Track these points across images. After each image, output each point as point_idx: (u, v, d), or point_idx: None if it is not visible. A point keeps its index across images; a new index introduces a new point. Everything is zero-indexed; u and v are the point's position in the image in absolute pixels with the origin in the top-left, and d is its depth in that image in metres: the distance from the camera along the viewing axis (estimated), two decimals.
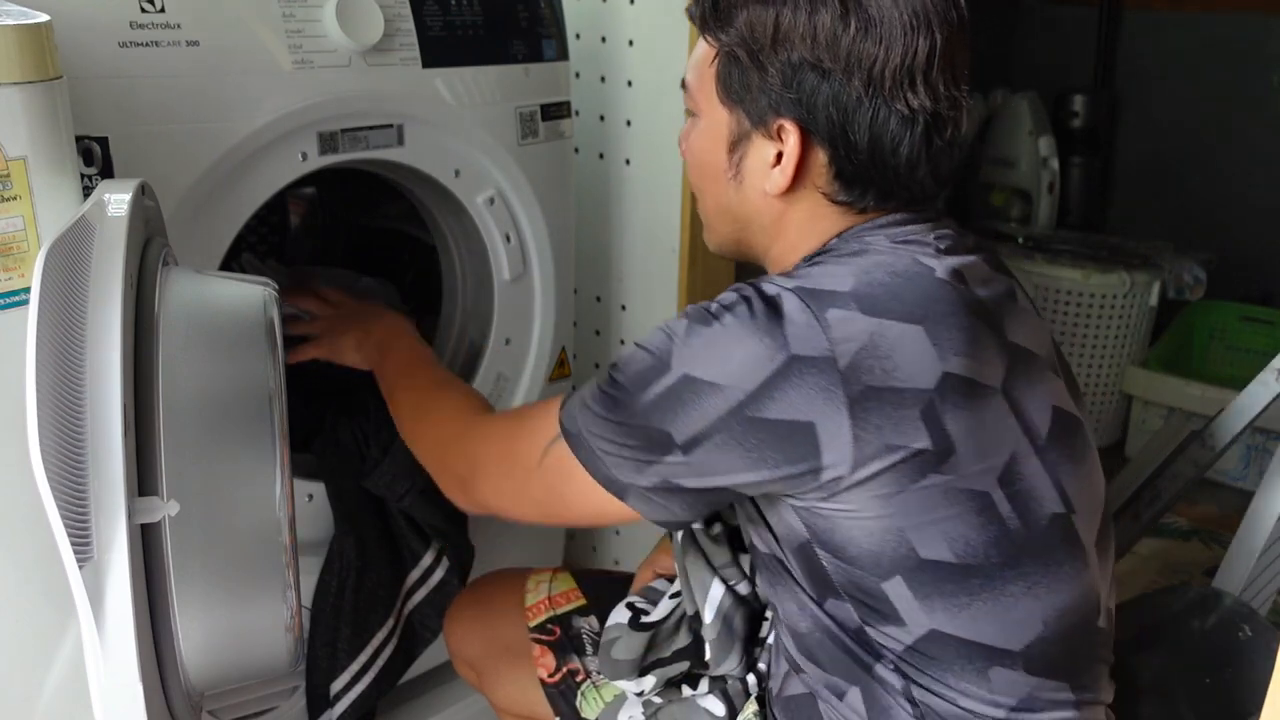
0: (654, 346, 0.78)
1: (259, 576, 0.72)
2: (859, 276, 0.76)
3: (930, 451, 0.73)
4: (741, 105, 0.82)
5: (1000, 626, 0.77)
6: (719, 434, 0.74)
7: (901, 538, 0.75)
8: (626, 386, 0.78)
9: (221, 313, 0.78)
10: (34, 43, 0.74)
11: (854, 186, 0.81)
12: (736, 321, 0.74)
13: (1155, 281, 2.50)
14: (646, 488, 0.78)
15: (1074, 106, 3.00)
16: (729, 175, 0.86)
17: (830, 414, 0.72)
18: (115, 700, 0.62)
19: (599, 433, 0.79)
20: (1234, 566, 1.29)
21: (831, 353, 0.72)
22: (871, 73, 0.76)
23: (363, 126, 1.14)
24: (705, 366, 0.74)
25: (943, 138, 0.80)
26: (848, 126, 0.78)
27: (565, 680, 1.04)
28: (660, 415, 0.76)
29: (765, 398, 0.72)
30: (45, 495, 0.59)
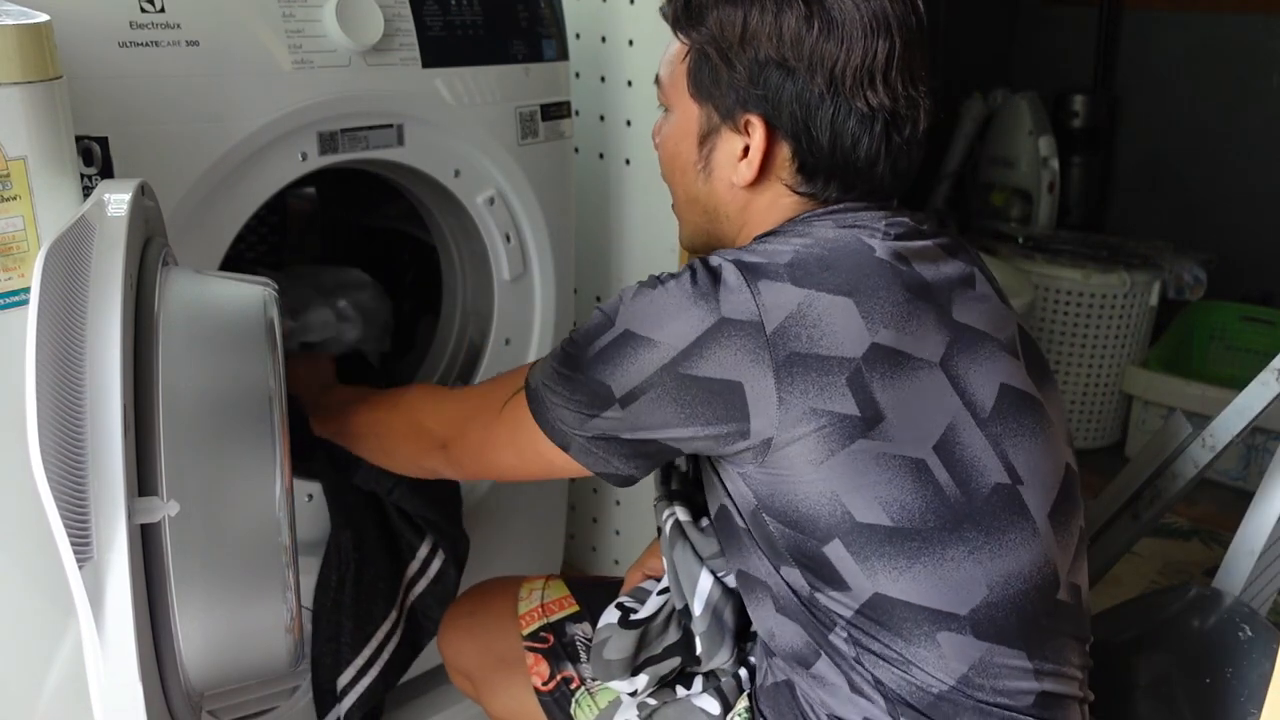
0: (606, 307, 0.83)
1: (259, 576, 0.72)
2: (797, 252, 0.80)
3: (858, 418, 0.76)
4: (711, 100, 0.87)
5: (942, 589, 0.79)
6: (653, 389, 0.79)
7: (836, 501, 0.78)
8: (579, 342, 0.84)
9: (221, 313, 0.78)
10: (34, 43, 0.74)
11: (816, 179, 0.85)
12: (678, 286, 0.79)
13: (1155, 281, 2.50)
14: (587, 438, 0.84)
15: (1074, 106, 3.01)
16: (698, 167, 0.90)
17: (757, 376, 0.76)
18: (115, 700, 0.62)
19: (551, 385, 0.85)
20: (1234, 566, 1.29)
21: (759, 318, 0.77)
22: (833, 72, 0.81)
23: (363, 126, 1.14)
24: (644, 324, 0.79)
25: (901, 135, 0.84)
26: (810, 123, 0.83)
27: (560, 688, 1.04)
28: (602, 368, 0.81)
29: (696, 355, 0.77)
30: (45, 495, 0.59)
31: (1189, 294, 2.58)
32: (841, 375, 0.76)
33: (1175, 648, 1.12)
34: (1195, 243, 2.68)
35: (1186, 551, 2.13)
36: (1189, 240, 2.70)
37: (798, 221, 0.87)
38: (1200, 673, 1.07)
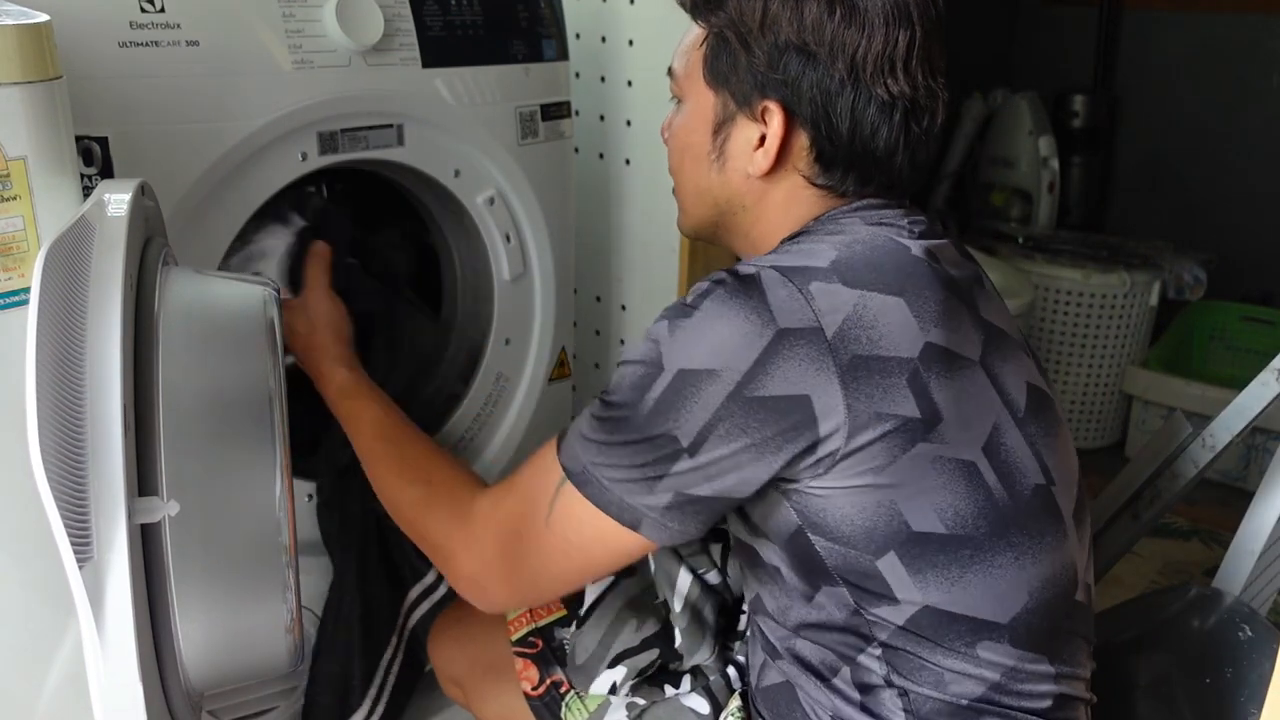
0: (641, 355, 0.78)
1: (259, 576, 0.72)
2: (839, 251, 0.78)
3: (919, 420, 0.74)
4: (727, 87, 0.85)
5: (990, 598, 0.78)
6: (722, 423, 0.74)
7: (894, 510, 0.76)
8: (623, 403, 0.77)
9: (221, 312, 0.78)
10: (34, 43, 0.74)
11: (834, 169, 0.84)
12: (717, 304, 0.75)
13: (1155, 281, 2.50)
14: (661, 508, 0.77)
15: (1074, 106, 3.01)
16: (712, 157, 0.88)
17: (823, 385, 0.73)
18: (115, 700, 0.62)
19: (604, 461, 0.78)
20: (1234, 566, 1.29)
21: (819, 323, 0.74)
22: (854, 59, 0.79)
23: (363, 126, 1.14)
24: (698, 356, 0.74)
25: (920, 126, 0.83)
26: (830, 110, 0.81)
27: (549, 692, 1.04)
28: (663, 418, 0.75)
29: (761, 374, 0.73)
30: (45, 495, 0.59)
31: (1189, 294, 2.58)
32: (902, 376, 0.74)
33: (1175, 648, 1.12)
34: (1195, 243, 2.68)
35: (1186, 551, 2.13)
36: (1189, 240, 2.70)
37: (825, 220, 0.85)
38: (1200, 673, 1.07)
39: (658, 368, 0.76)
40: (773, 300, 0.74)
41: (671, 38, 1.49)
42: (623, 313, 1.64)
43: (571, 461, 0.80)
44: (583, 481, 0.79)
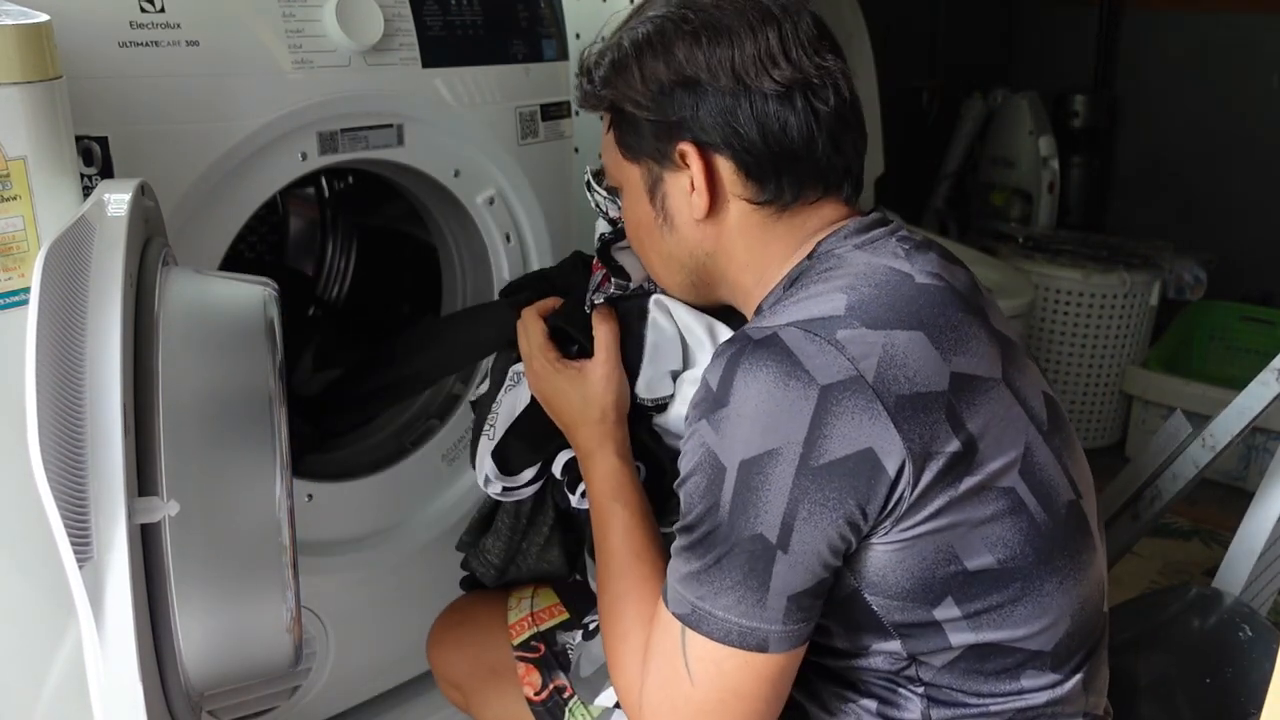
0: (697, 464, 0.74)
1: (259, 576, 0.72)
2: (847, 295, 0.76)
3: (961, 453, 0.72)
4: (643, 152, 0.87)
5: (1036, 628, 0.78)
6: (802, 505, 0.70)
7: (951, 553, 0.74)
8: (700, 520, 0.74)
9: (222, 313, 0.78)
10: (34, 42, 0.74)
11: (766, 179, 0.83)
12: (748, 380, 0.71)
13: (1155, 281, 2.50)
14: (781, 620, 0.73)
15: (1074, 106, 3.01)
16: (659, 221, 0.88)
17: (880, 432, 0.70)
18: (115, 700, 0.62)
19: (707, 591, 0.73)
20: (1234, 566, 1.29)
21: (857, 371, 0.71)
22: (734, 69, 0.80)
23: (362, 126, 1.14)
24: (752, 442, 0.71)
25: (826, 104, 0.82)
26: (734, 124, 0.81)
27: (552, 698, 1.03)
28: (744, 519, 0.71)
29: (820, 439, 0.70)
30: (45, 495, 0.59)
31: (1189, 294, 2.58)
32: (940, 411, 0.72)
33: (1175, 648, 1.12)
34: (1195, 243, 2.68)
35: (1186, 551, 2.13)
36: (1189, 240, 2.70)
37: (818, 257, 0.82)
38: (1200, 673, 1.07)
39: (718, 470, 0.72)
40: (804, 358, 0.71)
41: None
42: None
43: (680, 606, 0.75)
44: (697, 621, 0.74)
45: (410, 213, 1.40)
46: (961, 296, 0.79)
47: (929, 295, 0.77)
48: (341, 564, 1.25)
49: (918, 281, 0.78)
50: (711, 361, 0.75)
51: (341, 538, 1.26)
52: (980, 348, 0.77)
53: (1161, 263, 2.55)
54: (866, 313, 0.74)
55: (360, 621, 1.30)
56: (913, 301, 0.76)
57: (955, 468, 0.72)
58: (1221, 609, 1.17)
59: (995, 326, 0.81)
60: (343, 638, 1.29)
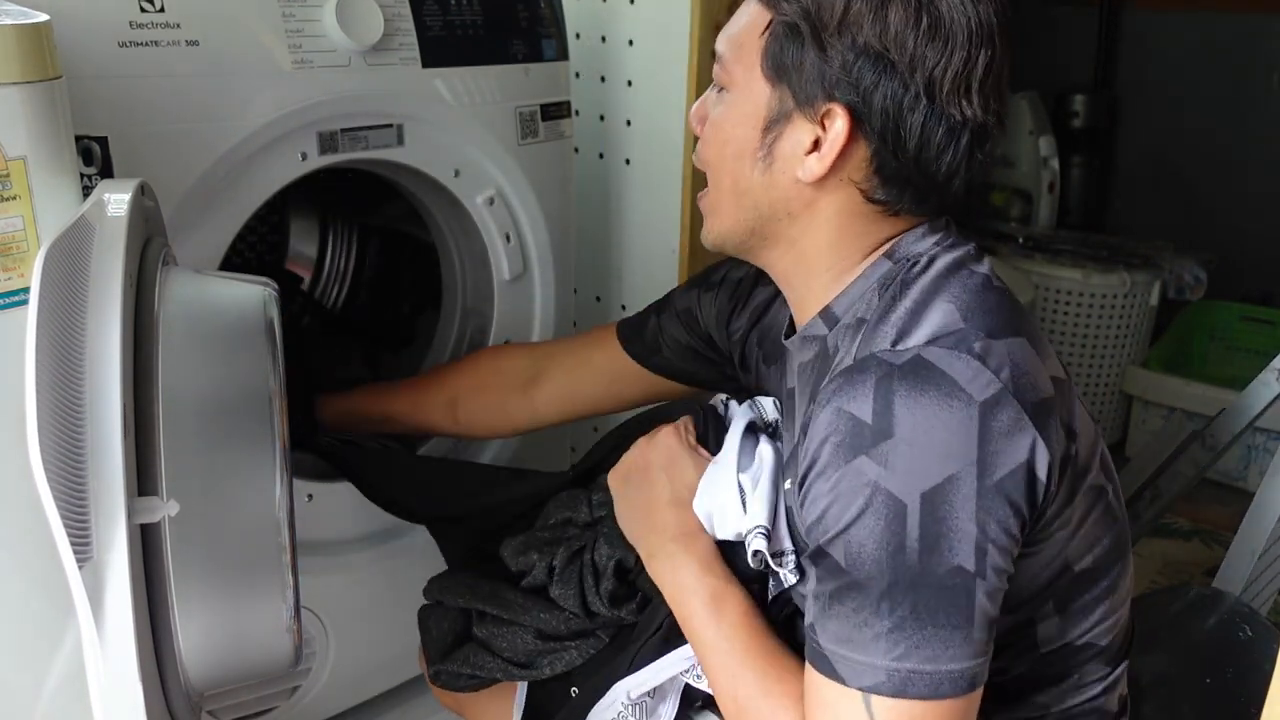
0: (864, 506, 0.67)
1: (259, 576, 0.72)
2: (954, 303, 0.74)
3: (1072, 456, 0.72)
4: (789, 83, 0.77)
5: (1106, 624, 0.78)
6: (988, 525, 0.66)
7: (1064, 557, 0.73)
8: (884, 569, 0.67)
9: (221, 312, 0.78)
10: (34, 42, 0.74)
11: (892, 186, 0.77)
12: (910, 407, 0.67)
13: (1155, 281, 2.50)
14: (984, 651, 0.68)
15: (1074, 106, 3.00)
16: (758, 155, 0.79)
17: (1029, 443, 0.68)
18: (115, 700, 0.62)
19: (906, 649, 0.66)
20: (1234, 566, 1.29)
21: (999, 382, 0.69)
22: (932, 75, 0.74)
23: (362, 126, 1.14)
24: (929, 470, 0.66)
25: (983, 150, 0.77)
26: (900, 125, 0.75)
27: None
28: (938, 555, 0.66)
29: (989, 455, 0.67)
30: (45, 495, 0.59)
31: (1189, 294, 2.58)
32: (1057, 416, 0.71)
33: (1175, 648, 1.12)
34: (1195, 243, 2.68)
35: (1186, 551, 2.13)
36: (1189, 240, 2.69)
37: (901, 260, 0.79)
38: (1200, 673, 1.07)
39: (897, 506, 0.66)
40: (958, 377, 0.68)
41: (671, 38, 1.49)
42: (623, 312, 1.64)
43: (867, 677, 0.67)
44: (900, 686, 0.66)
45: (410, 213, 1.40)
46: (1019, 301, 0.79)
47: (1009, 300, 0.76)
48: (341, 564, 1.26)
49: (994, 285, 0.77)
50: (841, 393, 0.70)
51: (341, 538, 1.26)
52: (1049, 350, 0.77)
53: (1161, 263, 2.55)
54: (980, 321, 0.72)
55: (360, 621, 1.30)
56: (1003, 307, 0.75)
57: (1073, 471, 0.71)
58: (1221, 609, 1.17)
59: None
60: (343, 638, 1.29)
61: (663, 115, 1.49)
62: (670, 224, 1.52)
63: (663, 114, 1.48)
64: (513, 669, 0.98)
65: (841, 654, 0.68)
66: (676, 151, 1.48)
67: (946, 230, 0.81)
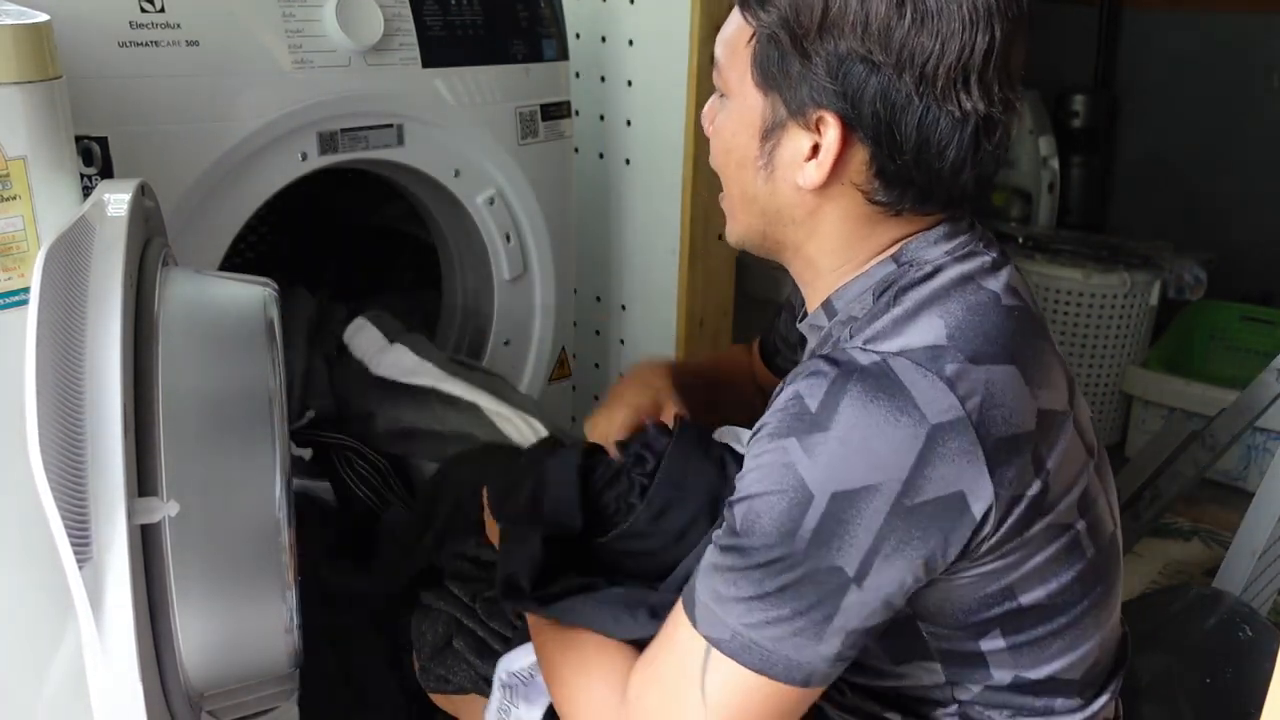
0: (776, 485, 0.68)
1: (259, 576, 0.72)
2: (944, 319, 0.71)
3: (1039, 495, 0.70)
4: (778, 92, 0.75)
5: (1072, 659, 0.77)
6: (886, 541, 0.66)
7: (1009, 590, 0.73)
8: (770, 545, 0.68)
9: (221, 312, 0.78)
10: (34, 42, 0.74)
11: (894, 186, 0.75)
12: (858, 410, 0.67)
13: (1155, 281, 2.50)
14: (833, 656, 0.69)
15: (1074, 106, 3.00)
16: (759, 164, 0.78)
17: (974, 476, 0.67)
18: (115, 700, 0.62)
19: (759, 619, 0.68)
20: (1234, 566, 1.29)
21: (963, 411, 0.67)
22: (924, 70, 0.70)
23: (363, 126, 1.14)
24: (852, 473, 0.66)
25: (991, 141, 0.73)
26: (894, 125, 0.72)
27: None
28: (824, 550, 0.67)
29: (920, 479, 0.66)
30: (45, 495, 0.59)
31: (1189, 294, 2.58)
32: (1028, 452, 0.69)
33: (1175, 648, 1.12)
34: (1195, 243, 2.68)
35: (1186, 551, 2.13)
36: (1189, 240, 2.69)
37: (909, 261, 0.77)
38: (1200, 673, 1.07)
39: (804, 494, 0.67)
40: (916, 394, 0.67)
41: (671, 38, 1.50)
42: (623, 312, 1.64)
43: (716, 629, 0.70)
44: (737, 649, 0.69)
45: (410, 213, 1.40)
46: (1038, 320, 0.76)
47: (1016, 321, 0.73)
48: None
49: (1004, 304, 0.74)
50: (806, 377, 0.69)
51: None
52: (1056, 378, 0.74)
53: (1161, 263, 2.55)
54: (967, 343, 0.70)
55: None
56: (1003, 330, 0.72)
57: (1031, 510, 0.70)
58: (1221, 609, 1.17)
59: (1057, 349, 0.77)
60: None
61: (663, 115, 1.49)
62: (670, 224, 1.52)
63: (663, 114, 1.49)
64: (481, 683, 1.00)
65: (705, 602, 0.71)
66: (676, 151, 1.48)
67: (970, 235, 0.78)
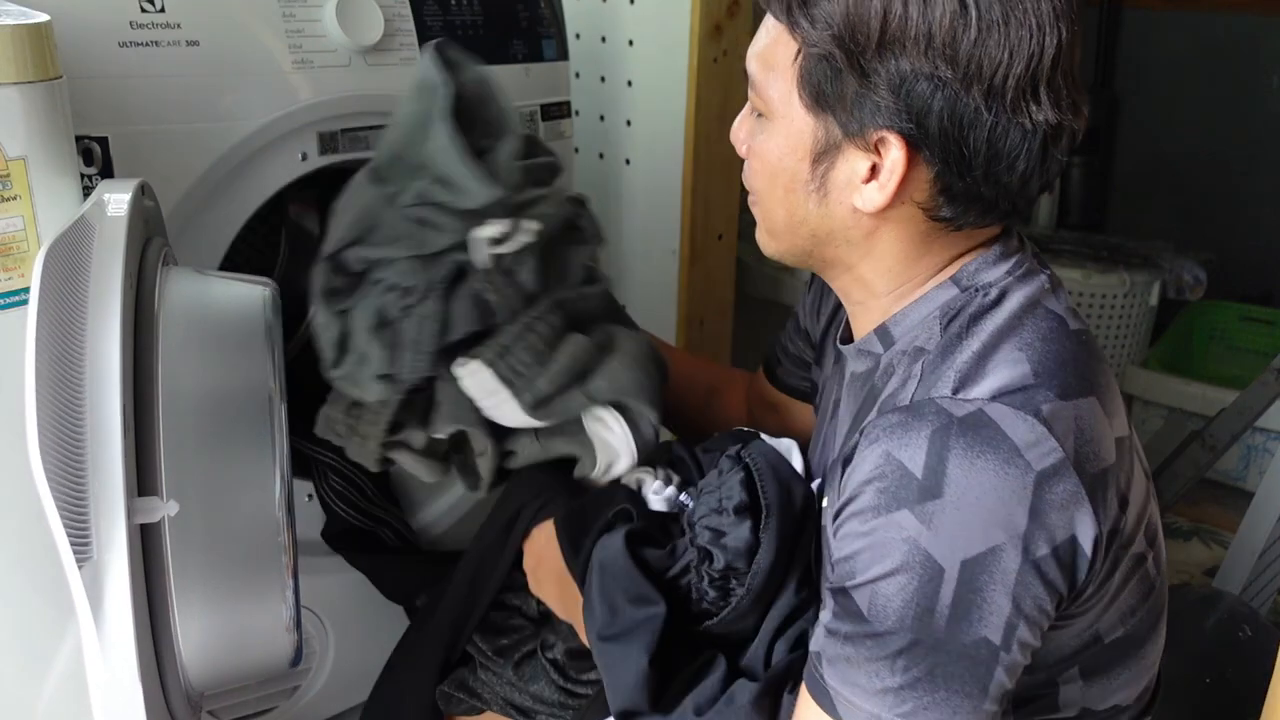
0: (901, 563, 0.64)
1: (259, 576, 0.72)
2: (1023, 351, 0.68)
3: (1120, 527, 0.68)
4: (832, 113, 0.70)
5: (1135, 689, 0.76)
6: (1023, 600, 0.64)
7: (1095, 628, 0.71)
8: (907, 628, 0.64)
9: (221, 312, 0.78)
10: (34, 43, 0.74)
11: (958, 203, 0.71)
12: (966, 468, 0.63)
13: (1155, 281, 2.50)
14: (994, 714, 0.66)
15: None
16: (810, 188, 0.73)
17: (1082, 517, 0.65)
18: (115, 700, 0.62)
19: (913, 708, 0.64)
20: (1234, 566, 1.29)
21: (1062, 452, 0.64)
22: (993, 81, 0.66)
23: (363, 126, 1.14)
24: (974, 538, 0.63)
25: (1059, 149, 0.70)
26: (962, 141, 0.67)
27: None
28: (967, 624, 0.63)
29: (1038, 529, 0.63)
30: (45, 495, 0.59)
31: (1189, 294, 2.58)
32: (1114, 485, 0.67)
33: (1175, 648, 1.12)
34: (1195, 243, 2.68)
35: (1186, 551, 2.13)
36: (1189, 240, 2.70)
37: (972, 290, 0.73)
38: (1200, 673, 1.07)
39: (933, 569, 0.63)
40: (1019, 442, 0.64)
41: (671, 38, 1.49)
42: None
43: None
44: None
45: None
46: (1095, 341, 0.74)
47: (1085, 347, 0.71)
48: (341, 564, 1.25)
49: (1071, 328, 0.72)
50: (896, 435, 0.66)
51: None
52: (1119, 403, 0.72)
53: (1161, 263, 2.55)
54: (1053, 378, 0.67)
55: (360, 621, 1.30)
56: (1079, 359, 0.70)
57: (1116, 543, 0.68)
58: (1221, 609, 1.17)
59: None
60: (342, 638, 1.29)
61: (663, 115, 1.49)
62: (670, 224, 1.52)
63: (663, 114, 1.49)
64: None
65: (845, 695, 0.66)
66: (676, 151, 1.49)
67: (1021, 252, 0.76)
